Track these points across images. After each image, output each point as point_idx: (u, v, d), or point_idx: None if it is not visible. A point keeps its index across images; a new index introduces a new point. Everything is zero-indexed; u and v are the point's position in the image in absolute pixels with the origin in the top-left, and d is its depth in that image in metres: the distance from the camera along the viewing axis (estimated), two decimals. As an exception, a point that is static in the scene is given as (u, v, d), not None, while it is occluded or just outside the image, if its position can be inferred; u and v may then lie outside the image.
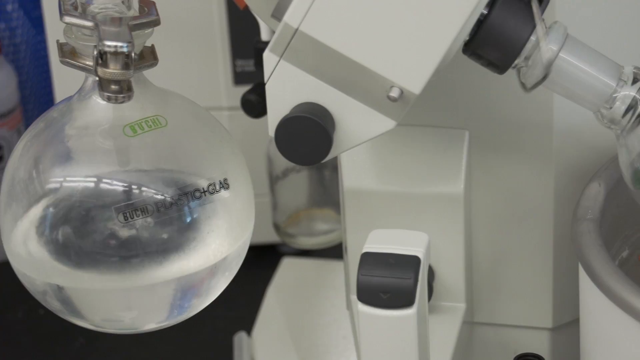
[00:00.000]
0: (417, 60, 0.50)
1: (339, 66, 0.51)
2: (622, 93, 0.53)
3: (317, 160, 0.52)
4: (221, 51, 0.76)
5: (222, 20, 0.75)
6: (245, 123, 0.74)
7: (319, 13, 0.50)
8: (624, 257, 0.59)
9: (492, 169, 0.61)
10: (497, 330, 0.65)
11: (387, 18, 0.50)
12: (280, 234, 0.74)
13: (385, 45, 0.50)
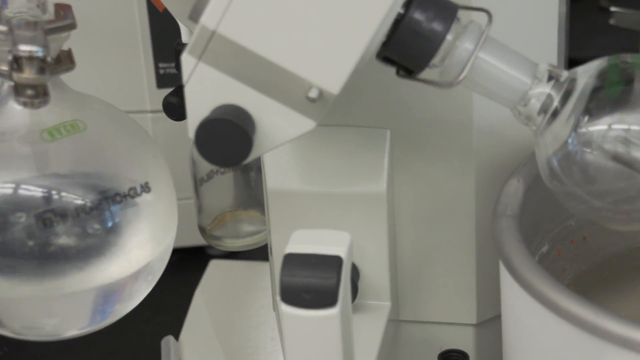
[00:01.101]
0: (335, 61, 0.50)
1: (258, 68, 0.51)
2: (537, 90, 0.53)
3: (237, 162, 0.52)
4: (143, 54, 0.75)
5: (144, 22, 0.75)
6: (169, 126, 0.74)
7: (236, 15, 0.50)
8: (544, 252, 0.60)
9: (414, 167, 0.62)
10: (422, 327, 0.65)
11: (304, 19, 0.50)
12: (205, 236, 0.74)
13: (303, 46, 0.50)
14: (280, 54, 0.50)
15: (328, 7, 0.50)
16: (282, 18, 0.50)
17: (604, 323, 0.49)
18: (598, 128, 0.53)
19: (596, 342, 0.49)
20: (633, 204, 0.54)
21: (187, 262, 0.79)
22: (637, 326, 0.48)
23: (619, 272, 0.62)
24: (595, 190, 0.54)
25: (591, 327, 0.49)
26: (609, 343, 0.49)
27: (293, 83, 0.51)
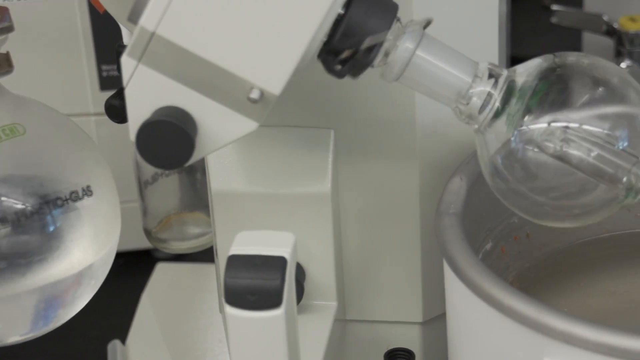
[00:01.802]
0: (275, 61, 0.50)
1: (198, 69, 0.51)
2: (477, 89, 0.54)
3: (179, 164, 0.52)
4: (86, 56, 0.75)
5: (86, 24, 0.74)
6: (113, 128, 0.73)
7: (176, 16, 0.50)
8: (488, 249, 0.60)
9: (359, 167, 0.62)
10: (369, 326, 0.65)
11: (244, 20, 0.50)
12: (151, 239, 0.74)
13: (244, 47, 0.50)
14: (221, 55, 0.50)
15: (268, 8, 0.50)
16: (222, 19, 0.50)
17: (546, 319, 0.49)
18: (538, 126, 0.53)
19: (539, 338, 0.50)
20: (574, 200, 0.54)
21: (133, 265, 0.79)
22: (578, 322, 0.49)
23: (562, 268, 0.63)
24: (536, 187, 0.54)
25: (533, 323, 0.50)
26: (551, 339, 0.49)
27: (234, 84, 0.51)
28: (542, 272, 0.63)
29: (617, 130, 0.53)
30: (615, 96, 0.54)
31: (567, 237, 0.63)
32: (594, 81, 0.54)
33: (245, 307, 0.52)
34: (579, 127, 0.53)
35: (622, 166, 0.53)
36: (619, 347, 0.48)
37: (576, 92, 0.54)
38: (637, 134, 0.53)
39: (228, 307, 0.52)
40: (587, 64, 0.54)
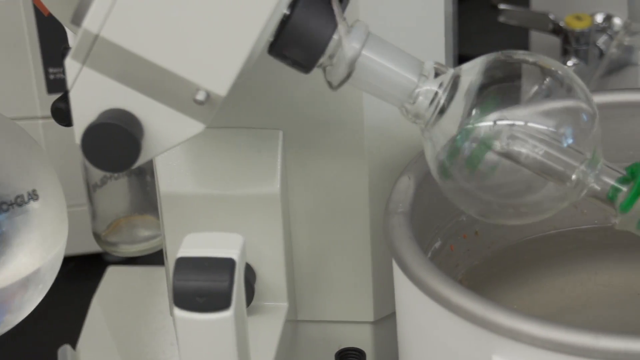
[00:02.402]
0: (221, 63, 0.50)
1: (144, 71, 0.50)
2: (424, 88, 0.54)
3: (126, 166, 0.52)
4: (32, 59, 0.74)
5: (31, 27, 0.74)
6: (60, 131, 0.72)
7: (119, 18, 0.50)
8: (437, 247, 0.60)
9: (308, 167, 0.62)
10: (321, 326, 0.65)
11: (188, 21, 0.50)
12: (100, 243, 0.73)
13: (189, 48, 0.50)
14: (166, 56, 0.50)
15: (212, 9, 0.50)
16: (166, 20, 0.50)
17: (494, 316, 0.50)
18: (484, 124, 0.54)
19: (487, 335, 0.50)
20: (521, 199, 0.55)
21: (83, 269, 0.78)
22: (525, 318, 0.49)
23: (511, 265, 0.63)
24: (484, 185, 0.54)
25: (481, 320, 0.50)
26: (499, 336, 0.50)
27: (180, 86, 0.51)
28: (491, 270, 0.63)
29: (562, 128, 0.54)
30: (560, 94, 0.54)
31: (516, 234, 0.64)
32: (539, 79, 0.54)
33: (194, 309, 0.52)
34: (525, 125, 0.53)
35: (569, 163, 0.54)
36: (565, 343, 0.48)
37: (522, 90, 0.54)
38: (582, 131, 0.54)
39: (177, 309, 0.52)
40: (532, 62, 0.55)
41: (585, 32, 0.81)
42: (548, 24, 0.83)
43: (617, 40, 0.75)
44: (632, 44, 0.75)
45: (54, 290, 0.64)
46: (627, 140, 0.62)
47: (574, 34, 0.81)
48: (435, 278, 0.52)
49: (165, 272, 0.66)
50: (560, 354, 0.48)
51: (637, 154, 0.62)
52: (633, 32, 0.74)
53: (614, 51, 0.75)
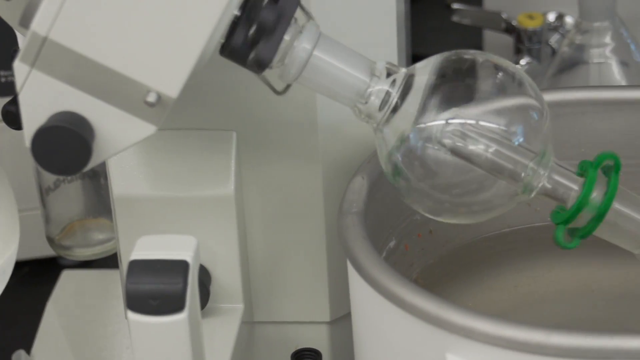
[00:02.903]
0: (171, 64, 0.50)
1: (93, 73, 0.50)
2: (376, 88, 0.54)
3: (77, 170, 0.51)
4: (-17, 63, 0.74)
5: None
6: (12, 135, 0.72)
7: (68, 20, 0.49)
8: (391, 247, 0.60)
9: (262, 168, 0.62)
10: (277, 327, 0.65)
11: (138, 23, 0.50)
12: (54, 247, 0.73)
13: (139, 50, 0.50)
14: (115, 58, 0.50)
15: (162, 11, 0.49)
16: (115, 22, 0.49)
17: (447, 315, 0.50)
18: (436, 123, 0.54)
19: (441, 333, 0.50)
20: (473, 197, 0.55)
21: (38, 273, 0.78)
22: (478, 317, 0.49)
23: (465, 263, 0.63)
24: (436, 185, 0.54)
25: (435, 319, 0.50)
26: (452, 334, 0.50)
27: (130, 88, 0.50)
28: (446, 268, 0.63)
29: (514, 126, 0.54)
30: (511, 93, 0.54)
31: (470, 232, 0.64)
32: (491, 78, 0.55)
33: (148, 312, 0.52)
34: (477, 124, 0.54)
35: (520, 162, 0.54)
36: (518, 340, 0.48)
37: (473, 88, 0.54)
38: (533, 129, 0.54)
39: (130, 312, 0.52)
40: (484, 61, 0.55)
41: (538, 31, 0.82)
42: (501, 23, 0.84)
43: (568, 39, 0.76)
44: (584, 42, 0.75)
45: (8, 295, 0.64)
46: (579, 138, 0.62)
47: (526, 32, 0.82)
48: (388, 277, 0.52)
49: (120, 276, 0.66)
50: (513, 352, 0.49)
51: (588, 151, 0.62)
52: (584, 31, 0.75)
53: (566, 50, 0.76)
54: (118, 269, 0.73)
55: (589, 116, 0.62)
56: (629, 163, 0.62)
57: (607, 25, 0.74)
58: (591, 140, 0.62)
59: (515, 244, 0.64)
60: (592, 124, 0.62)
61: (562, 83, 0.76)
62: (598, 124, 0.62)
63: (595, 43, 0.75)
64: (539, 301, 0.62)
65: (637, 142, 0.62)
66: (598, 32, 0.75)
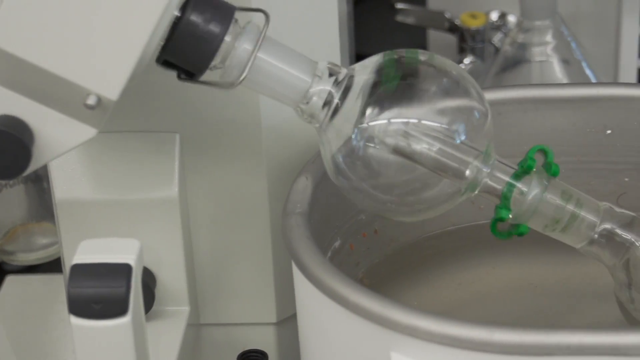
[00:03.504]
0: (111, 67, 0.50)
1: (32, 76, 0.50)
2: (317, 88, 0.54)
3: (16, 174, 0.51)
4: None
5: None
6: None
7: (5, 23, 0.49)
8: (337, 247, 0.61)
9: (206, 170, 0.62)
10: (223, 329, 0.65)
11: (76, 26, 0.49)
12: (-3, 252, 0.72)
13: (77, 53, 0.49)
14: (54, 61, 0.49)
15: (100, 13, 0.49)
16: (54, 25, 0.49)
17: (391, 314, 0.50)
18: (379, 122, 0.54)
19: (385, 332, 0.50)
20: (416, 195, 0.55)
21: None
22: (421, 315, 0.49)
23: (411, 262, 0.64)
24: (379, 184, 0.55)
25: (379, 318, 0.50)
26: (397, 333, 0.50)
27: (69, 91, 0.50)
28: (392, 267, 0.63)
29: (455, 125, 0.54)
30: (452, 91, 0.55)
31: (415, 231, 0.64)
32: (432, 77, 0.55)
33: (90, 316, 0.51)
34: (419, 123, 0.54)
35: (463, 160, 0.54)
36: (461, 338, 0.49)
37: (415, 88, 0.54)
38: (474, 127, 0.54)
39: (73, 317, 0.51)
40: (425, 61, 0.55)
41: (481, 30, 0.82)
42: (444, 22, 0.84)
43: (510, 38, 0.76)
44: (525, 41, 0.76)
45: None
46: (521, 136, 0.63)
47: (469, 32, 0.82)
48: (332, 277, 0.52)
49: (64, 280, 0.65)
50: (456, 349, 0.49)
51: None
52: (526, 30, 0.76)
53: (508, 48, 0.77)
54: (62, 274, 0.72)
55: (531, 114, 0.63)
56: (571, 160, 0.63)
57: (548, 23, 0.75)
58: (533, 138, 0.63)
59: (460, 242, 0.64)
60: (534, 121, 0.63)
61: (505, 81, 0.76)
62: (540, 121, 0.63)
63: (536, 41, 0.75)
64: (483, 298, 0.62)
65: (578, 139, 0.63)
66: (539, 31, 0.75)
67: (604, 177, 0.63)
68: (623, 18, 0.77)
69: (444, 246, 0.64)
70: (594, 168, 0.63)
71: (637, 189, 0.62)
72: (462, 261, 0.64)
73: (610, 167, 0.62)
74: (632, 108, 0.61)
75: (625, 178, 0.62)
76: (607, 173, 0.62)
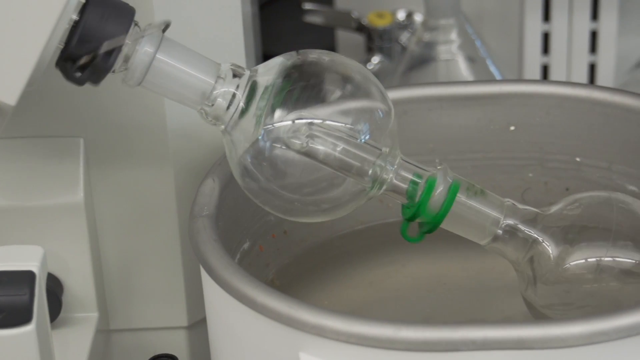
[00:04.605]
0: (8, 71, 0.49)
1: None
2: (221, 90, 0.54)
3: None
4: None
5: None
6: None
7: None
8: (246, 249, 0.60)
9: (112, 174, 0.61)
10: (134, 334, 0.65)
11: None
12: None
13: (-27, 57, 0.49)
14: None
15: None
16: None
17: (298, 314, 0.50)
18: (284, 123, 0.54)
19: (293, 333, 0.50)
20: (323, 195, 0.55)
21: None
22: (328, 314, 0.49)
23: (321, 262, 0.64)
24: (286, 185, 0.55)
25: (286, 319, 0.50)
26: (305, 333, 0.50)
27: (-34, 96, 0.49)
28: (303, 267, 0.63)
29: (359, 124, 0.54)
30: (356, 91, 0.55)
31: (325, 231, 0.64)
32: (336, 77, 0.55)
33: (-7, 325, 0.50)
34: (323, 123, 0.54)
35: (368, 159, 0.55)
36: (368, 336, 0.49)
37: (318, 88, 0.55)
38: (378, 127, 0.55)
39: (-24, 327, 0.50)
40: (329, 61, 0.55)
41: (388, 30, 0.83)
42: (351, 22, 0.84)
43: (416, 37, 0.77)
44: (431, 40, 0.77)
45: None
46: (427, 134, 0.63)
47: (376, 31, 0.83)
48: (239, 279, 0.52)
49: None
50: (364, 347, 0.49)
51: (437, 147, 0.63)
52: (431, 29, 0.76)
53: (414, 48, 0.77)
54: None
55: (436, 112, 0.63)
56: (476, 157, 0.64)
57: (453, 22, 0.75)
58: (439, 136, 0.63)
59: (369, 241, 0.65)
60: (440, 119, 0.63)
61: (412, 80, 0.77)
62: (445, 119, 0.63)
63: (442, 40, 0.76)
64: (394, 297, 0.63)
65: (482, 137, 0.63)
66: (444, 30, 0.76)
67: (509, 173, 0.63)
68: (526, 16, 0.78)
69: (354, 245, 0.65)
70: (499, 164, 0.63)
71: (541, 185, 0.63)
72: (373, 260, 0.64)
73: (514, 163, 0.63)
74: (535, 104, 0.62)
75: (529, 174, 0.63)
76: (511, 169, 0.63)
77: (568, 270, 0.55)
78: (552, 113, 0.62)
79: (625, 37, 0.81)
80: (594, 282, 0.55)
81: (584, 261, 0.55)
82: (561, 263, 0.55)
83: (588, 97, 0.61)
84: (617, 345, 0.48)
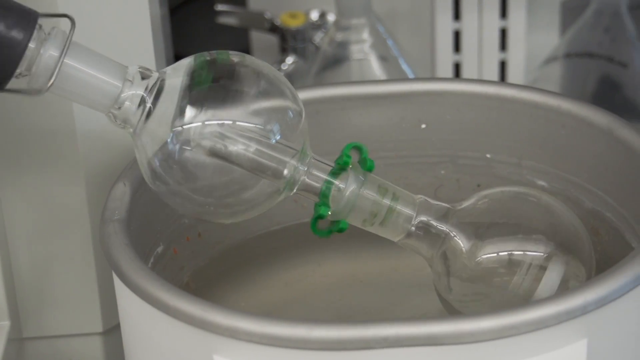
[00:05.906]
0: None
1: None
2: (129, 93, 0.53)
3: None
4: None
5: None
6: None
7: None
8: (160, 252, 0.60)
9: (21, 180, 0.60)
10: (48, 342, 0.64)
11: None
12: None
13: None
14: None
15: None
16: None
17: (210, 316, 0.50)
18: (193, 125, 0.54)
19: (207, 336, 0.50)
20: (235, 197, 0.55)
21: None
22: (240, 316, 0.49)
23: (237, 264, 0.64)
24: (197, 187, 0.54)
25: (199, 322, 0.50)
26: (218, 335, 0.50)
27: None
28: (218, 270, 0.63)
29: (270, 125, 0.54)
30: (265, 92, 0.55)
31: (240, 232, 0.64)
32: (245, 78, 0.55)
33: None
34: (234, 124, 0.54)
35: (280, 159, 0.54)
36: (281, 336, 0.49)
37: (228, 89, 0.54)
38: (289, 127, 0.55)
39: None
40: (237, 62, 0.55)
41: (301, 30, 0.83)
42: (264, 23, 0.84)
43: (328, 37, 0.77)
44: (344, 39, 0.77)
45: None
46: (340, 133, 0.63)
47: (290, 32, 0.83)
48: (151, 283, 0.51)
49: None
50: (277, 348, 0.49)
51: (350, 146, 0.64)
52: (343, 28, 0.77)
53: (327, 48, 0.77)
54: None
55: (348, 111, 0.63)
56: (389, 155, 0.64)
57: (364, 21, 0.76)
58: (352, 135, 0.63)
59: (285, 241, 0.65)
60: (352, 118, 0.63)
61: (326, 80, 0.77)
62: (357, 118, 0.63)
63: (354, 39, 0.76)
64: (310, 296, 0.63)
65: (394, 135, 0.64)
66: (356, 29, 0.76)
67: (421, 170, 0.64)
68: (437, 15, 0.79)
69: (269, 246, 0.65)
70: (411, 162, 0.64)
71: (453, 182, 0.64)
72: (288, 260, 0.64)
73: (427, 161, 0.64)
74: (445, 102, 0.63)
75: (441, 171, 0.64)
76: (424, 167, 0.64)
77: (480, 265, 0.56)
78: (463, 110, 0.63)
79: (534, 35, 0.82)
80: (505, 276, 0.56)
81: (496, 255, 0.56)
82: (473, 257, 0.56)
83: (496, 94, 0.62)
84: (526, 338, 0.49)
